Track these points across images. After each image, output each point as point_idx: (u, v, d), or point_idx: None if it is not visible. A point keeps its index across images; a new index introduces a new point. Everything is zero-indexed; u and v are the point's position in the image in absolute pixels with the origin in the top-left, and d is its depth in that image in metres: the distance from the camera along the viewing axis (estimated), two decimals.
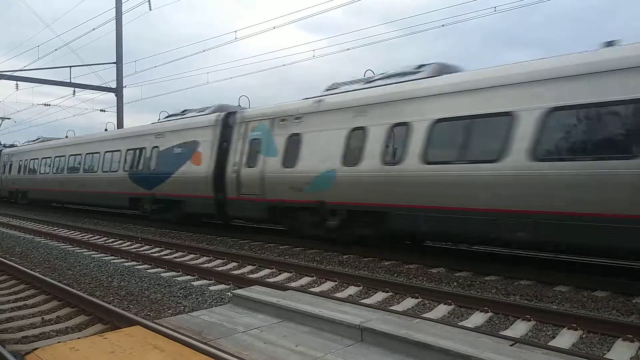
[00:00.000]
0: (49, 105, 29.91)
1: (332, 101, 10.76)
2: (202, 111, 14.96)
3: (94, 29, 25.16)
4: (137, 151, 16.64)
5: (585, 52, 7.30)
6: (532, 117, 7.45)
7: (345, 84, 11.38)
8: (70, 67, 24.60)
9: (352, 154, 10.00)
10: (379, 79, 10.60)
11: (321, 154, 10.58)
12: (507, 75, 7.94)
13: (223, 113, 13.82)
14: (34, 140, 27.47)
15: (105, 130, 21.32)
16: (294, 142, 11.30)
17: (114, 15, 25.25)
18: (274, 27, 19.55)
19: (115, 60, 25.95)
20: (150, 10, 23.81)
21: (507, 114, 7.75)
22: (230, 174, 12.87)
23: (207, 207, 13.64)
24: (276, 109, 12.20)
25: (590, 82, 7.01)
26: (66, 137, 24.13)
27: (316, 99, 11.28)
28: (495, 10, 13.36)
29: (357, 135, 9.99)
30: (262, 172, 11.95)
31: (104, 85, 26.27)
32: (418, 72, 9.79)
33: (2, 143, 31.26)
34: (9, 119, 30.30)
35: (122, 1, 25.23)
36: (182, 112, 16.11)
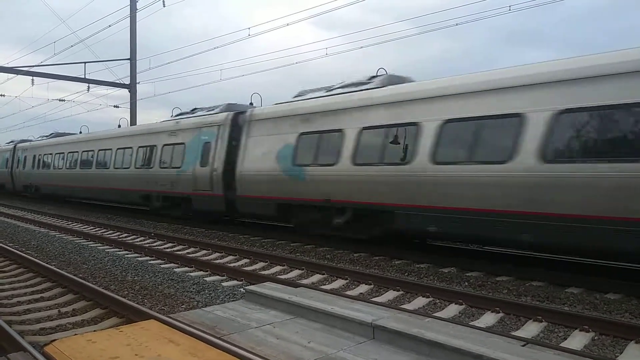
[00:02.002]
0: (64, 100, 30.19)
1: (59, 141, 25.26)
2: (10, 143, 31.75)
3: (110, 26, 25.25)
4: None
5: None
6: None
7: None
8: (85, 63, 24.84)
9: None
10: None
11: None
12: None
13: (15, 144, 30.30)
14: (47, 136, 27.94)
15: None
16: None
17: (129, 12, 25.49)
18: (287, 24, 19.50)
19: (129, 57, 26.20)
20: (164, 7, 23.96)
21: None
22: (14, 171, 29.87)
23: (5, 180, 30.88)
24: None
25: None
26: (80, 132, 24.69)
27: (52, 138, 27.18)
28: (510, 10, 13.25)
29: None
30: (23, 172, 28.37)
31: (117, 82, 26.51)
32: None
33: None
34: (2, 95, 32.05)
35: None
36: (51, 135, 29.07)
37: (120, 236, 13.19)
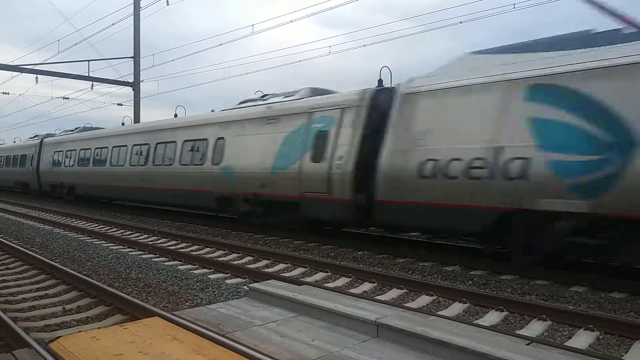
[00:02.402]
0: (68, 98, 30.17)
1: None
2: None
3: (113, 24, 25.23)
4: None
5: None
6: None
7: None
8: (89, 61, 24.89)
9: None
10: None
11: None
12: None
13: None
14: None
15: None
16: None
17: (132, 10, 25.50)
18: (291, 21, 19.45)
19: (132, 55, 26.22)
20: (168, 5, 23.94)
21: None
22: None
23: None
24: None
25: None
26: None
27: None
28: (514, 8, 13.21)
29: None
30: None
31: (121, 79, 26.54)
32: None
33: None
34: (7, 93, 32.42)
35: None
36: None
37: (124, 234, 13.23)
